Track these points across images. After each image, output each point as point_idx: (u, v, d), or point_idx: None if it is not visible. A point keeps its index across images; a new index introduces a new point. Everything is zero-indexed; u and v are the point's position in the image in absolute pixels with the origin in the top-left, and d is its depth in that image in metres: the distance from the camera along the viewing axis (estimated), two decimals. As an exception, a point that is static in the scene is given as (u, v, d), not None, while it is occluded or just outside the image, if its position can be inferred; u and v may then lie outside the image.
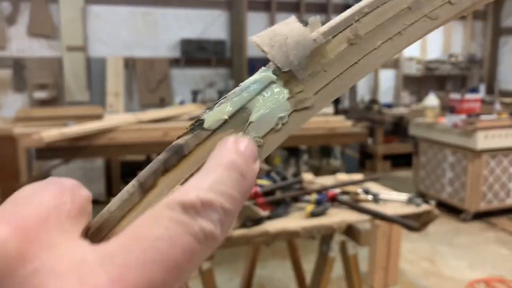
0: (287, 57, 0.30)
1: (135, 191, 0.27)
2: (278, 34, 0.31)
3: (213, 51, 5.23)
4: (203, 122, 0.29)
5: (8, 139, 3.87)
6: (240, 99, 0.29)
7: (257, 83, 0.30)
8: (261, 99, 0.30)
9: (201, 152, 0.29)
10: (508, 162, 3.99)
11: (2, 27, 4.60)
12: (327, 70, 0.31)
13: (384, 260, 2.85)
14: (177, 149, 0.28)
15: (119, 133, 3.26)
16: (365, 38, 0.32)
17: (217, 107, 0.29)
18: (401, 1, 0.33)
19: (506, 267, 3.16)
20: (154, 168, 0.28)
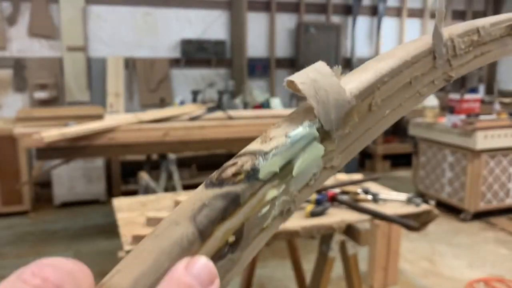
0: (329, 116, 0.32)
1: (196, 239, 0.27)
2: (321, 87, 0.32)
3: (213, 51, 5.23)
4: (258, 172, 0.29)
5: (8, 139, 3.88)
6: (290, 153, 0.30)
7: (304, 139, 0.31)
8: (304, 155, 0.31)
9: (252, 202, 0.29)
10: (508, 162, 3.99)
11: (3, 27, 4.60)
12: (352, 132, 0.33)
13: (383, 260, 2.85)
14: (234, 199, 0.28)
15: (120, 133, 3.26)
16: (380, 106, 0.35)
17: (271, 159, 0.30)
18: (408, 75, 0.36)
19: (506, 266, 3.16)
20: (213, 217, 0.27)
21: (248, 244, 0.29)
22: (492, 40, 0.42)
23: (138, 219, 1.91)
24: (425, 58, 0.38)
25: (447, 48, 0.39)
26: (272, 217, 0.30)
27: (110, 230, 3.52)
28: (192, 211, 0.28)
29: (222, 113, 3.77)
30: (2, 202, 4.10)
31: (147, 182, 3.13)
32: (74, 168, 4.35)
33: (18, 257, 3.32)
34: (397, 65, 0.36)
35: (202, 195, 0.28)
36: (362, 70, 0.36)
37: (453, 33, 0.40)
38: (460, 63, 0.40)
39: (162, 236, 0.27)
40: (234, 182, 0.29)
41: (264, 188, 0.29)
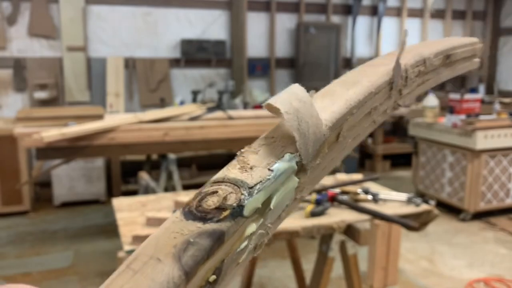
0: (307, 150, 0.32)
1: (181, 282, 0.25)
2: (303, 119, 0.32)
3: (213, 51, 5.23)
4: (243, 209, 0.28)
5: (8, 139, 3.88)
6: (272, 188, 0.30)
7: (285, 173, 0.31)
8: (282, 188, 0.31)
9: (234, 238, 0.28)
10: (508, 162, 3.99)
11: (3, 27, 4.60)
12: (321, 162, 0.34)
13: (383, 260, 2.85)
14: (220, 237, 0.27)
15: (120, 133, 3.26)
16: (345, 136, 0.36)
17: (256, 195, 0.29)
18: (369, 105, 0.38)
19: (505, 266, 3.16)
20: (199, 258, 0.26)
21: (224, 280, 0.28)
22: (432, 70, 0.44)
23: (138, 219, 1.91)
24: (385, 88, 0.39)
25: (402, 79, 0.41)
26: (248, 251, 0.29)
27: (110, 230, 3.52)
28: (175, 248, 0.26)
29: (222, 113, 3.77)
30: (2, 202, 4.10)
31: (147, 182, 3.14)
32: (74, 168, 4.34)
33: (18, 257, 3.32)
34: (364, 96, 0.37)
35: (182, 228, 0.27)
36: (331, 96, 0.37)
37: (407, 63, 0.41)
38: (407, 91, 0.42)
39: (143, 274, 0.25)
40: (219, 219, 0.27)
41: (245, 224, 0.29)
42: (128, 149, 3.34)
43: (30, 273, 3.05)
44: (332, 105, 0.35)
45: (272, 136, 0.33)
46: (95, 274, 3.03)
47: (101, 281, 3.26)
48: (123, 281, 0.25)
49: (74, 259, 3.28)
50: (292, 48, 5.74)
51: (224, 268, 0.28)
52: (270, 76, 5.67)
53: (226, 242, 0.27)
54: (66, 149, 3.13)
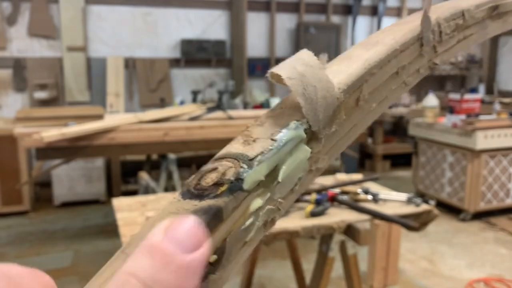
0: (317, 116, 0.29)
1: None
2: (309, 83, 0.29)
3: (213, 51, 5.23)
4: (242, 182, 0.26)
5: (8, 139, 3.88)
6: (276, 159, 0.28)
7: (291, 142, 0.28)
8: (290, 158, 0.28)
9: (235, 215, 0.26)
10: (508, 162, 3.99)
11: (3, 27, 4.60)
12: (338, 130, 0.31)
13: (383, 260, 2.85)
14: (217, 214, 0.25)
15: (120, 133, 3.26)
16: (367, 100, 0.33)
17: (256, 167, 0.27)
18: (395, 64, 0.34)
19: (505, 266, 3.16)
20: None
21: (230, 261, 0.26)
22: (475, 23, 0.40)
23: (138, 219, 1.91)
24: (413, 45, 0.36)
25: (434, 34, 0.37)
26: (255, 229, 0.27)
27: (110, 230, 3.52)
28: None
29: (222, 113, 3.77)
30: (2, 202, 4.10)
31: (147, 182, 3.14)
32: (74, 168, 4.34)
33: (18, 257, 3.31)
34: (386, 54, 0.33)
35: (178, 208, 0.25)
36: (349, 59, 0.34)
37: (440, 17, 0.38)
38: (444, 48, 0.38)
39: None
40: (216, 195, 0.25)
41: (248, 199, 0.26)
42: (128, 149, 3.34)
43: (30, 273, 3.05)
44: (349, 68, 0.32)
45: (280, 107, 0.31)
46: (95, 274, 3.03)
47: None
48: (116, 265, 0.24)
49: (74, 259, 3.28)
50: (292, 48, 5.74)
51: (227, 247, 0.26)
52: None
53: (226, 219, 0.25)
54: (66, 149, 3.13)
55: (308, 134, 0.29)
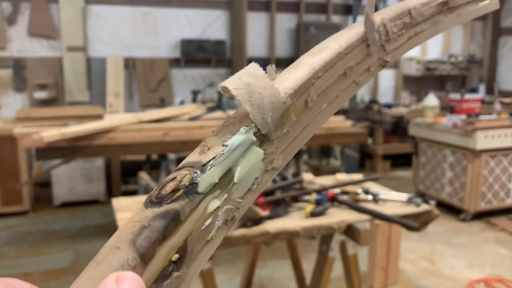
0: (265, 119, 0.31)
1: (137, 264, 0.26)
2: (254, 91, 0.32)
3: (213, 51, 5.23)
4: (197, 186, 0.29)
5: (8, 139, 3.88)
6: (228, 162, 0.30)
7: (242, 145, 0.31)
8: (243, 161, 0.31)
9: (194, 216, 0.29)
10: (508, 162, 3.99)
11: (2, 27, 4.60)
12: (290, 131, 0.33)
13: (383, 260, 2.85)
14: (174, 216, 0.28)
15: (119, 133, 3.26)
16: (316, 101, 0.35)
17: (209, 171, 0.29)
18: (342, 66, 0.36)
19: (506, 267, 3.16)
20: (154, 239, 0.27)
21: (194, 259, 0.29)
22: (425, 20, 0.42)
23: (138, 219, 1.91)
24: (359, 47, 0.38)
25: (380, 34, 0.39)
26: (216, 228, 0.29)
27: (110, 230, 3.52)
28: (132, 234, 0.27)
29: (222, 113, 3.77)
30: (2, 202, 4.10)
31: (147, 182, 3.14)
32: (74, 168, 4.34)
33: (18, 257, 3.32)
34: (330, 58, 0.36)
35: (141, 216, 0.28)
36: (296, 67, 0.36)
37: (385, 18, 0.40)
38: (394, 46, 0.40)
39: (103, 263, 0.26)
40: (172, 199, 0.28)
41: (205, 201, 0.29)
42: (128, 149, 3.34)
43: (30, 273, 3.05)
44: (295, 74, 0.35)
45: (233, 117, 0.33)
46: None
47: (101, 281, 3.29)
48: (87, 274, 0.26)
49: (74, 259, 3.28)
50: (292, 48, 5.74)
51: (189, 246, 0.28)
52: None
53: (184, 221, 0.28)
54: (66, 149, 3.13)
55: (259, 137, 0.31)
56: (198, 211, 0.29)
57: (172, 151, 3.54)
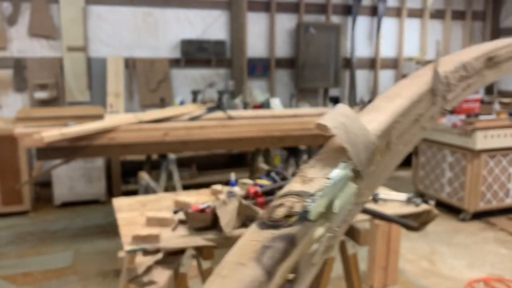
0: (359, 157, 0.35)
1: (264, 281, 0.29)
2: (350, 131, 0.35)
3: (213, 51, 5.24)
4: (309, 214, 0.32)
5: (8, 139, 3.89)
6: (332, 194, 0.33)
7: (342, 180, 0.34)
8: (342, 194, 0.34)
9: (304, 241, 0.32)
10: (507, 162, 4.00)
11: (3, 28, 4.61)
12: (375, 169, 0.37)
13: (383, 260, 2.86)
14: (292, 239, 0.31)
15: (120, 133, 3.27)
16: (396, 143, 0.39)
17: (318, 201, 0.32)
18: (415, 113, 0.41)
19: (505, 266, 3.17)
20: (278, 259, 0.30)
21: (302, 281, 0.32)
22: (475, 73, 0.47)
23: (138, 219, 1.92)
24: (427, 96, 0.43)
25: (443, 85, 0.44)
26: (319, 253, 0.33)
27: (110, 230, 3.53)
28: (255, 253, 0.29)
29: (222, 113, 3.77)
30: (3, 202, 4.11)
31: (147, 182, 3.14)
32: (74, 168, 4.35)
33: (19, 257, 3.32)
34: (408, 105, 0.40)
35: (259, 237, 0.31)
36: (377, 111, 0.40)
37: (447, 70, 0.44)
38: (452, 96, 0.45)
39: (231, 278, 0.28)
40: (288, 224, 0.31)
41: (313, 228, 0.33)
42: (128, 149, 3.35)
43: (31, 273, 3.06)
44: (378, 117, 0.39)
45: (325, 151, 0.37)
46: (95, 274, 3.04)
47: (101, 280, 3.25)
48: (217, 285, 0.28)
49: (74, 259, 3.28)
50: (292, 48, 5.75)
51: (300, 268, 0.31)
52: (270, 76, 5.68)
53: (298, 245, 0.31)
54: (66, 149, 3.14)
55: (353, 173, 0.35)
56: (308, 237, 0.32)
57: (172, 151, 3.55)
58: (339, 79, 5.85)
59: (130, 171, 4.64)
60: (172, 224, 1.84)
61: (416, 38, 6.42)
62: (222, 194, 2.13)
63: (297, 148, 3.91)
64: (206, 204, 1.93)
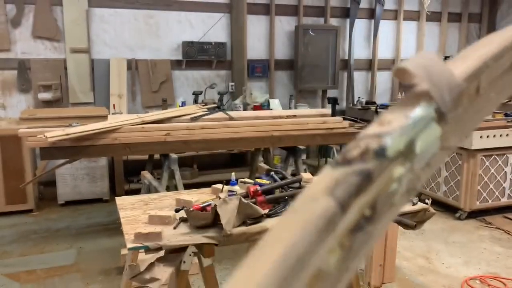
0: (443, 98, 0.33)
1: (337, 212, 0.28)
2: (432, 72, 0.34)
3: (214, 53, 5.29)
4: (386, 150, 0.31)
5: (13, 139, 3.94)
6: (412, 133, 0.32)
7: (423, 119, 0.33)
8: (423, 135, 0.32)
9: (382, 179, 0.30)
10: (503, 162, 4.05)
11: (7, 29, 4.66)
12: (463, 114, 0.36)
13: (381, 258, 2.91)
14: (367, 175, 0.29)
15: (123, 133, 3.31)
16: (486, 89, 0.37)
17: (396, 138, 0.31)
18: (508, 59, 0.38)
19: (501, 264, 3.21)
20: (352, 192, 0.29)
21: (380, 220, 0.30)
22: None
23: (141, 217, 1.96)
24: None
25: None
26: (400, 193, 0.31)
27: (113, 229, 3.57)
28: (328, 188, 0.29)
29: (223, 113, 3.83)
30: (7, 201, 4.15)
31: (149, 181, 3.19)
32: (78, 168, 4.39)
33: (23, 255, 3.37)
34: (500, 50, 0.37)
35: (332, 174, 0.29)
36: (463, 58, 0.38)
37: None
38: None
39: (303, 211, 0.28)
40: (363, 160, 0.30)
41: (392, 166, 0.31)
42: (131, 149, 3.40)
43: (34, 270, 3.10)
44: (465, 63, 0.36)
45: (404, 99, 0.35)
46: (98, 271, 3.08)
47: (104, 278, 3.28)
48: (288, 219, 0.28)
49: (78, 257, 3.32)
50: (291, 50, 5.81)
51: (378, 206, 0.30)
52: (269, 78, 5.73)
53: (375, 182, 0.30)
54: (70, 149, 3.18)
55: (436, 115, 0.34)
56: (386, 174, 0.30)
57: (174, 151, 3.61)
58: (338, 80, 5.90)
59: (132, 170, 4.69)
60: (174, 222, 1.88)
61: (413, 40, 6.47)
62: (223, 193, 2.17)
63: (296, 148, 3.97)
64: (207, 202, 1.98)
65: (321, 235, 0.27)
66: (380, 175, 0.30)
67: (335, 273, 0.28)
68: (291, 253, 0.26)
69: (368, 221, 0.29)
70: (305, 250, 0.27)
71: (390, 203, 0.31)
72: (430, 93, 0.33)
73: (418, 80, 0.34)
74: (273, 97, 5.55)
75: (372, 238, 0.30)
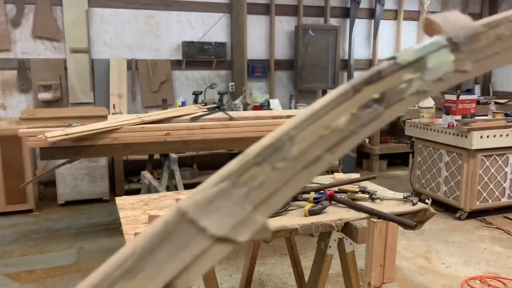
0: (456, 33, 0.40)
1: (349, 90, 0.38)
2: (448, 18, 0.41)
3: (214, 53, 5.29)
4: (395, 58, 0.39)
5: (13, 139, 3.93)
6: (421, 51, 0.40)
7: (433, 44, 0.40)
8: (435, 56, 0.40)
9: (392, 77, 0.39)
10: (503, 162, 4.06)
11: (7, 29, 4.66)
12: (482, 51, 0.42)
13: (381, 257, 2.91)
14: (378, 72, 0.39)
15: (123, 133, 3.31)
16: (508, 37, 0.43)
17: (405, 51, 0.40)
18: None
19: (501, 264, 3.22)
20: (362, 79, 0.38)
21: (390, 106, 0.39)
22: None
23: (141, 217, 1.96)
24: None
25: None
26: (409, 92, 0.39)
27: (113, 228, 3.58)
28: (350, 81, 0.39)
29: (223, 113, 3.83)
30: (7, 201, 4.15)
31: (149, 181, 3.19)
32: (78, 167, 4.39)
33: (23, 255, 3.37)
34: None
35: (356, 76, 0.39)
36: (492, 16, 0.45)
37: None
38: None
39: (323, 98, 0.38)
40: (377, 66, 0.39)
41: (402, 71, 0.39)
42: (131, 149, 3.40)
43: (34, 270, 3.10)
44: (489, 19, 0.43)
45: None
46: (99, 271, 3.08)
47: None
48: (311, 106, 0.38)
49: (78, 257, 3.32)
50: (291, 50, 5.81)
51: (387, 95, 0.39)
52: (269, 78, 5.73)
53: (385, 78, 0.39)
54: (70, 149, 3.18)
55: (451, 45, 0.41)
56: (396, 76, 0.39)
57: (174, 150, 3.61)
58: (338, 80, 5.90)
59: (132, 170, 4.69)
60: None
61: (413, 40, 6.47)
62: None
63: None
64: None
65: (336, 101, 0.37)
66: (389, 75, 0.38)
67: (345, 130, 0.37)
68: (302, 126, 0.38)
69: (376, 102, 0.38)
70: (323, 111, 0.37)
71: (399, 96, 0.39)
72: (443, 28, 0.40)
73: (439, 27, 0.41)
74: (273, 97, 5.55)
75: (380, 117, 0.39)
